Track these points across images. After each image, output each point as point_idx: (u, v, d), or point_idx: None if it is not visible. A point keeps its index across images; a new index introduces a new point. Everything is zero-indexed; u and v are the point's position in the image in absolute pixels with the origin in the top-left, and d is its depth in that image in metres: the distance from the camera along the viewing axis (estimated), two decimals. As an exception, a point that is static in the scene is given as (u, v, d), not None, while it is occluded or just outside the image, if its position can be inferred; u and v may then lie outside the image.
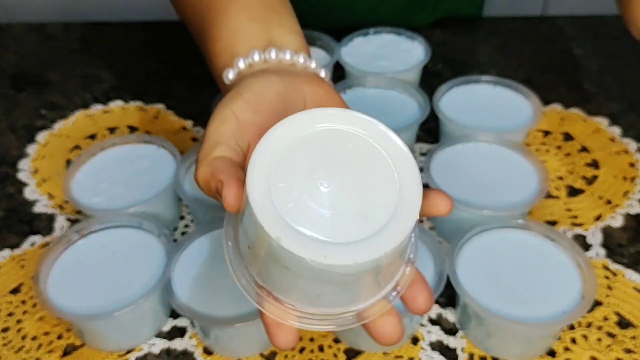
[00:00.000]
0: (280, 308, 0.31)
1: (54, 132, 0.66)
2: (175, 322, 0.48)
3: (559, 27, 0.79)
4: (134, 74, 0.74)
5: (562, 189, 0.57)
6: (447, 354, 0.45)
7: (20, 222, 0.56)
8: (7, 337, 0.47)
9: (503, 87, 0.62)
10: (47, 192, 0.59)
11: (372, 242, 0.27)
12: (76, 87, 0.72)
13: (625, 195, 0.56)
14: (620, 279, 0.49)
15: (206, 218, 0.51)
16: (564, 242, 0.46)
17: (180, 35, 0.80)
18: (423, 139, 0.63)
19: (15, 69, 0.76)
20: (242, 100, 0.35)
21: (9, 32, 0.83)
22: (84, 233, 0.49)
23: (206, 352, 0.46)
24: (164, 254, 0.47)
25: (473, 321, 0.44)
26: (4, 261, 0.53)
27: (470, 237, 0.47)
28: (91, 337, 0.46)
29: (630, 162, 0.59)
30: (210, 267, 0.46)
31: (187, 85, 0.71)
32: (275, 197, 0.27)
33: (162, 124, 0.66)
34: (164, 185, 0.52)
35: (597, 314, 0.47)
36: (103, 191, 0.53)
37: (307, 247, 0.26)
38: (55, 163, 0.62)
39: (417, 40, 0.69)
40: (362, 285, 0.30)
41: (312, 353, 0.45)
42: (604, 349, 0.45)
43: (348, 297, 0.31)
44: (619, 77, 0.70)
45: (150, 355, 0.46)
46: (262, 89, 0.36)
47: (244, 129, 0.35)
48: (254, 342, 0.45)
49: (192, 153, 0.54)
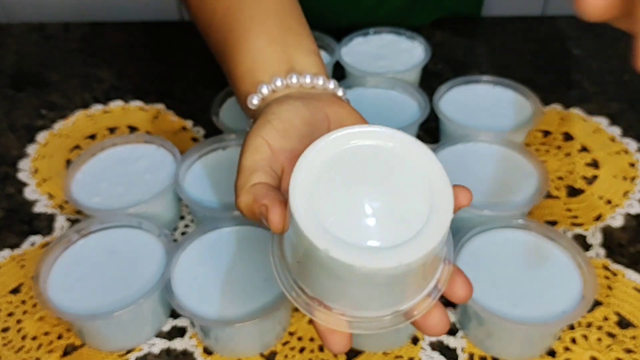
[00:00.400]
0: (331, 315, 0.33)
1: (54, 132, 0.66)
2: (175, 322, 0.48)
3: (559, 27, 0.79)
4: (134, 74, 0.74)
5: (562, 189, 0.57)
6: (447, 354, 0.45)
7: (20, 222, 0.56)
8: (7, 337, 0.47)
9: (503, 87, 0.62)
10: (47, 192, 0.59)
11: (414, 243, 0.29)
12: (76, 87, 0.72)
13: (625, 195, 0.56)
14: (620, 279, 0.49)
15: (206, 218, 0.51)
16: (564, 242, 0.46)
17: (180, 35, 0.80)
18: (423, 139, 0.63)
19: (15, 69, 0.76)
20: (272, 128, 0.38)
21: (9, 32, 0.83)
22: (84, 233, 0.49)
23: (206, 352, 0.46)
24: (164, 254, 0.47)
25: (473, 321, 0.45)
26: (4, 261, 0.53)
27: (470, 237, 0.47)
28: (91, 337, 0.46)
29: (630, 162, 0.59)
30: (210, 267, 0.46)
31: (187, 85, 0.71)
32: (318, 213, 0.29)
33: (162, 124, 0.66)
34: (164, 185, 0.52)
35: (597, 314, 0.47)
36: (103, 191, 0.53)
37: (354, 254, 0.28)
38: (56, 163, 0.62)
39: (417, 40, 0.69)
40: (407, 285, 0.32)
41: (312, 353, 0.45)
42: (604, 349, 0.45)
43: (395, 298, 0.32)
44: (619, 77, 0.70)
45: (150, 355, 0.46)
46: (289, 116, 0.38)
47: (277, 155, 0.37)
48: (254, 342, 0.45)
49: (192, 153, 0.54)
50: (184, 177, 0.53)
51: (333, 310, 0.32)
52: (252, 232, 0.48)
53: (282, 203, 0.33)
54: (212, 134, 0.61)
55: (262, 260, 0.46)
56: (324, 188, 0.30)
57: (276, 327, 0.45)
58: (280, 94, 0.41)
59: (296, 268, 0.33)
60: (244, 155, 0.37)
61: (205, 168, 0.54)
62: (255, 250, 0.47)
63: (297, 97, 0.40)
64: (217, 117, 0.59)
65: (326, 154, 0.31)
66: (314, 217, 0.29)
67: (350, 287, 0.31)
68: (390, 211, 0.30)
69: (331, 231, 0.29)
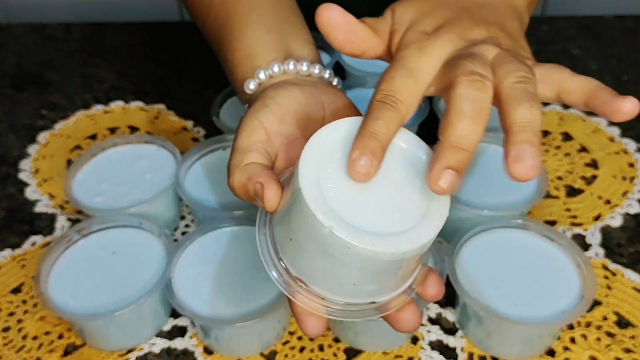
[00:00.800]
0: (310, 298, 0.33)
1: (55, 132, 0.66)
2: (176, 321, 0.48)
3: (558, 27, 0.79)
4: (135, 74, 0.74)
5: (561, 189, 0.57)
6: (446, 354, 0.45)
7: (21, 222, 0.57)
8: (8, 336, 0.47)
9: (503, 87, 0.62)
10: (48, 192, 0.59)
11: (412, 234, 0.30)
12: (77, 87, 0.72)
13: (625, 195, 0.56)
14: (620, 279, 0.49)
15: (206, 218, 0.51)
16: (563, 242, 0.46)
17: (180, 36, 0.81)
18: (423, 139, 0.63)
19: (16, 69, 0.76)
20: (269, 111, 0.38)
21: (10, 32, 0.83)
22: (85, 233, 0.49)
23: (206, 352, 0.46)
24: (164, 254, 0.47)
25: (472, 321, 0.45)
26: (5, 261, 0.53)
27: (470, 237, 0.47)
28: (92, 336, 0.46)
29: (629, 162, 0.60)
30: (210, 267, 0.46)
31: (187, 86, 0.72)
32: (324, 192, 0.30)
33: (162, 124, 0.66)
34: (164, 185, 0.52)
35: (596, 313, 0.47)
36: (104, 191, 0.53)
37: (356, 235, 0.29)
38: (56, 163, 0.62)
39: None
40: (392, 276, 0.33)
41: (312, 352, 0.46)
42: (603, 348, 0.45)
43: (378, 288, 0.33)
44: (619, 77, 0.70)
45: (151, 355, 0.46)
46: (287, 101, 0.38)
47: (272, 138, 0.37)
48: (254, 342, 0.45)
49: (193, 153, 0.54)
50: (185, 177, 0.53)
51: (313, 294, 0.33)
52: (252, 232, 0.48)
53: (277, 181, 0.33)
54: (212, 134, 0.61)
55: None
56: (330, 171, 0.31)
57: (276, 327, 0.46)
58: (277, 80, 0.41)
59: (287, 245, 0.33)
60: (239, 137, 0.37)
61: (205, 168, 0.54)
62: (255, 250, 0.47)
63: (294, 83, 0.40)
64: (218, 117, 0.60)
65: (334, 139, 0.32)
66: (320, 195, 0.30)
67: (340, 269, 0.31)
68: (392, 201, 0.31)
69: (336, 211, 0.30)
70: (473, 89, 0.29)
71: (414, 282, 0.34)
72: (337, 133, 0.32)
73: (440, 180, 0.29)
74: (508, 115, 0.30)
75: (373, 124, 0.30)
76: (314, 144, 0.31)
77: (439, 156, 0.29)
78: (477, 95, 0.29)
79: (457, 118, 0.29)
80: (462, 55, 0.32)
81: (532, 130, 0.29)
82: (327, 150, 0.31)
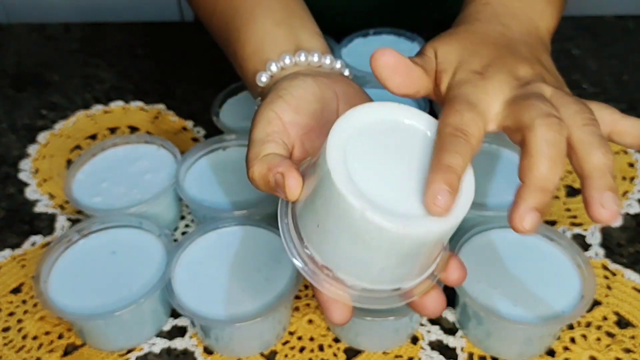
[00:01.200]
0: (336, 286, 0.33)
1: (55, 133, 0.66)
2: (176, 321, 0.48)
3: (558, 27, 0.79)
4: (135, 74, 0.74)
5: (561, 189, 0.57)
6: (446, 354, 0.45)
7: (21, 222, 0.57)
8: (8, 336, 0.47)
9: (503, 88, 0.62)
10: (48, 192, 0.59)
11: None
12: (77, 87, 0.72)
13: (624, 195, 0.56)
14: (620, 279, 0.49)
15: (206, 218, 0.51)
16: (563, 242, 0.46)
17: (180, 36, 0.81)
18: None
19: (16, 69, 0.76)
20: (284, 102, 0.38)
21: (10, 32, 0.83)
22: (85, 233, 0.49)
23: (206, 352, 0.46)
24: (164, 254, 0.47)
25: (472, 321, 0.45)
26: (5, 261, 0.53)
27: (470, 237, 0.47)
28: (92, 336, 0.46)
29: (629, 162, 0.60)
30: (210, 267, 0.46)
31: (187, 86, 0.72)
32: (353, 175, 0.30)
33: (162, 124, 0.66)
34: (164, 185, 0.52)
35: (596, 313, 0.47)
36: (104, 191, 0.53)
37: (388, 218, 0.29)
38: (56, 163, 0.62)
39: (417, 41, 0.69)
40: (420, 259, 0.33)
41: (312, 352, 0.46)
42: (603, 348, 0.45)
43: (405, 273, 0.34)
44: (618, 77, 0.70)
45: (151, 355, 0.46)
46: (301, 91, 0.38)
47: (288, 128, 0.37)
48: (254, 342, 0.45)
49: (193, 153, 0.54)
50: (185, 177, 0.53)
51: (339, 281, 0.33)
52: (252, 232, 0.48)
53: (297, 171, 0.33)
54: (212, 134, 0.61)
55: (262, 260, 0.46)
56: (357, 154, 0.31)
57: (276, 327, 0.46)
58: (289, 71, 0.42)
59: (313, 232, 0.33)
60: (255, 129, 0.38)
61: (205, 168, 0.54)
62: (255, 250, 0.47)
63: (306, 73, 0.40)
64: (218, 117, 0.60)
65: (357, 125, 0.32)
66: (349, 179, 0.30)
67: (369, 253, 0.31)
68: (419, 184, 0.31)
69: (366, 194, 0.30)
70: (552, 132, 0.30)
71: (437, 268, 0.35)
72: (358, 119, 0.32)
73: (524, 220, 0.30)
74: (585, 160, 0.31)
75: (449, 157, 0.31)
76: (338, 130, 0.32)
77: (524, 197, 0.30)
78: (556, 138, 0.30)
79: (540, 161, 0.30)
80: (527, 96, 0.33)
81: (611, 175, 0.31)
82: (351, 136, 0.32)
